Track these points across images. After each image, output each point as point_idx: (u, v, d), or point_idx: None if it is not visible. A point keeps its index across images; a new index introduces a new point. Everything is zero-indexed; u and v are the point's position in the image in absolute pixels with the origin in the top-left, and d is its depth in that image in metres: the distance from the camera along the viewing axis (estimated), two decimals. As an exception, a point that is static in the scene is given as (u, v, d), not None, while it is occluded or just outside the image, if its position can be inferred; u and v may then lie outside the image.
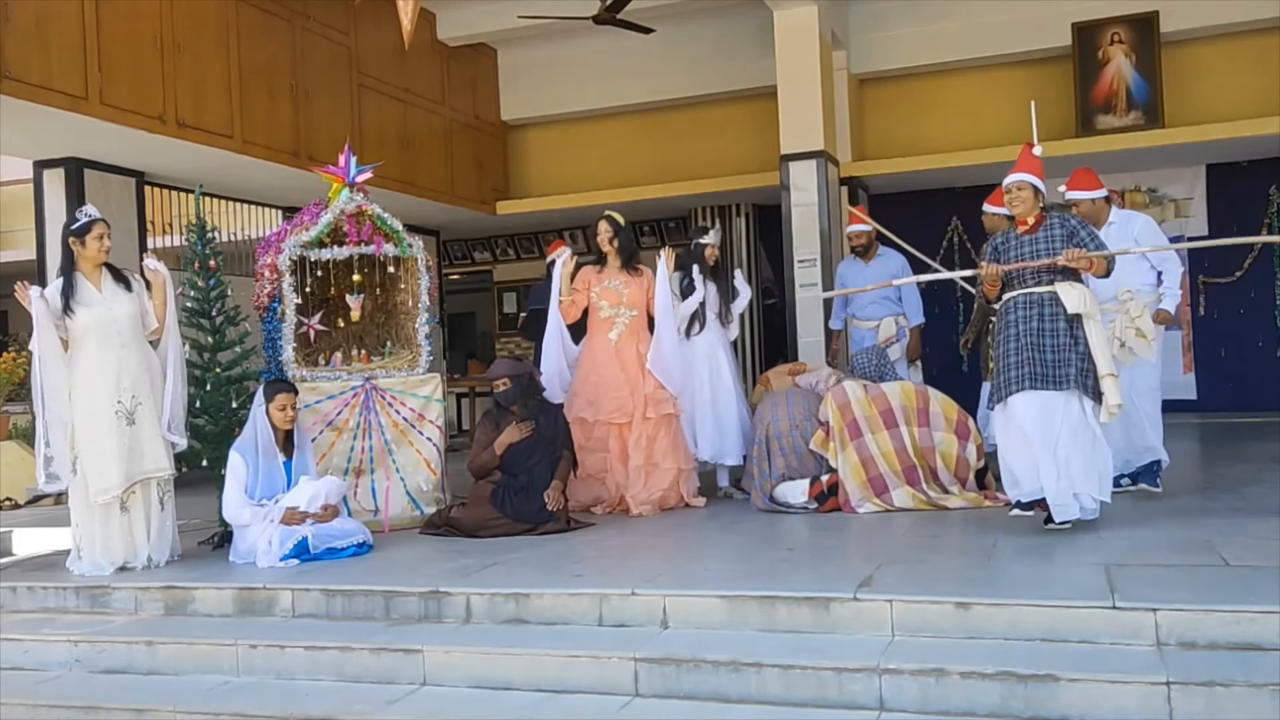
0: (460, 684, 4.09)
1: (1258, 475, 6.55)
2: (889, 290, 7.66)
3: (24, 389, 11.46)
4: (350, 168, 6.37)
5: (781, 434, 6.13)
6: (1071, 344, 4.97)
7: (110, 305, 5.38)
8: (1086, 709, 3.37)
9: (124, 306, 5.42)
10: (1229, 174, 11.02)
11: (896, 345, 7.78)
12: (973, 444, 6.01)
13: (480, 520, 5.80)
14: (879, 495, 5.91)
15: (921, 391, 6.16)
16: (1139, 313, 5.47)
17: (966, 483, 6.00)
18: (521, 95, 12.46)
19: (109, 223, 5.55)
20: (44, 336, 5.28)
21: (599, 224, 6.68)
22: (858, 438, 5.99)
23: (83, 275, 5.39)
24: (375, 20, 10.08)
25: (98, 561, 5.36)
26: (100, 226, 5.40)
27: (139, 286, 5.54)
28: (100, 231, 5.39)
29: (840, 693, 3.63)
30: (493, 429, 6.03)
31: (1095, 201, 6.02)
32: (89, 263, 5.41)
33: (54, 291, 5.35)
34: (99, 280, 5.42)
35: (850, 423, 6.03)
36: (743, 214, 12.56)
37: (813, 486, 6.01)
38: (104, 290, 5.40)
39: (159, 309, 5.54)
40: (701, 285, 6.80)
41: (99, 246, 5.39)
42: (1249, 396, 10.81)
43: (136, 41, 7.83)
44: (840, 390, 6.17)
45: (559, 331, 6.64)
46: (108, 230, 5.46)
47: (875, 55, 10.90)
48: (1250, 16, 9.86)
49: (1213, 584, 3.92)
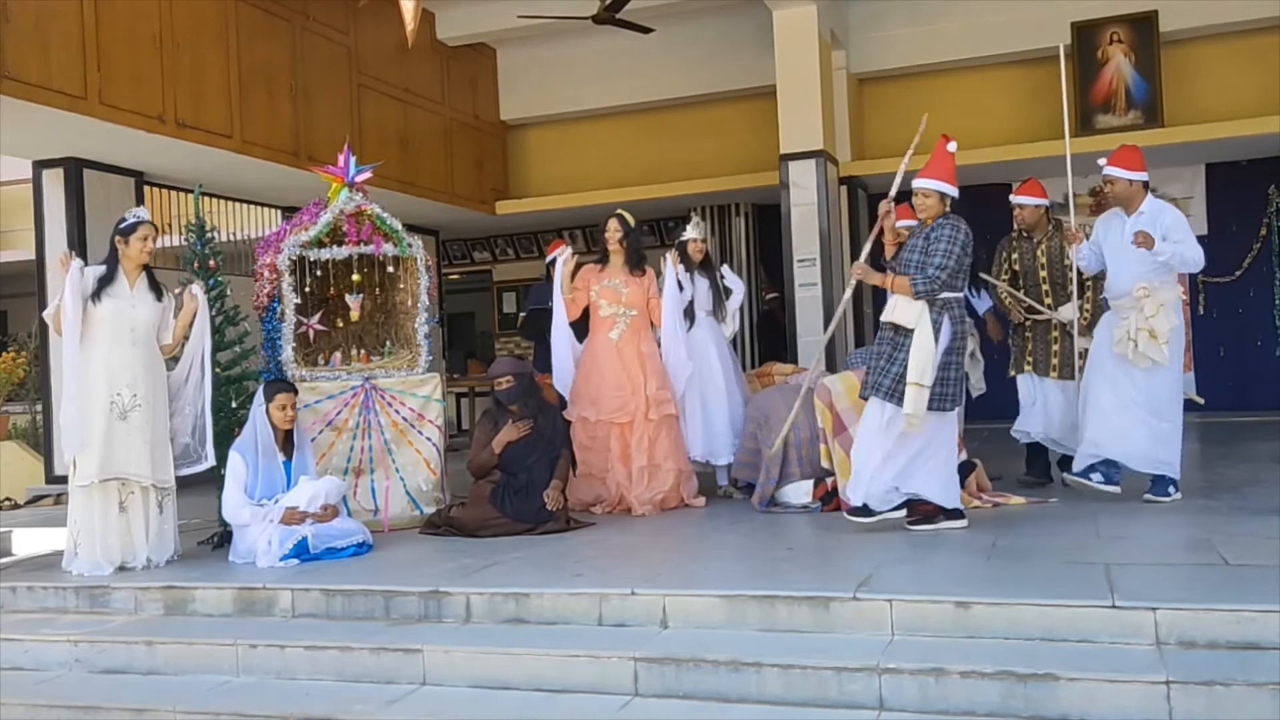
0: (460, 684, 4.09)
1: (1257, 474, 6.56)
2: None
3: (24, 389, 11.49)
4: (349, 167, 6.37)
5: (801, 442, 6.07)
6: (893, 354, 5.09)
7: (134, 304, 5.47)
8: (1086, 708, 3.37)
9: (146, 311, 5.50)
10: (1228, 173, 11.02)
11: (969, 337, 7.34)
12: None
13: (480, 520, 5.80)
14: None
15: None
16: (1153, 311, 5.35)
17: None
18: (521, 95, 12.46)
19: (156, 227, 5.67)
20: (74, 308, 5.32)
21: (610, 221, 6.64)
22: (842, 432, 6.01)
23: (122, 271, 5.50)
24: (375, 20, 10.07)
25: (96, 560, 5.36)
26: (146, 229, 5.51)
27: (169, 300, 5.64)
28: (145, 233, 5.50)
29: (840, 692, 3.62)
30: (492, 428, 6.03)
31: (1132, 184, 5.65)
32: (130, 261, 5.51)
33: (91, 274, 5.45)
34: (134, 280, 5.52)
35: (835, 417, 6.06)
36: (742, 213, 12.57)
37: (817, 487, 6.02)
38: (135, 290, 5.51)
39: (179, 330, 5.63)
40: (688, 282, 6.78)
41: (142, 247, 5.49)
42: (1248, 396, 10.81)
43: (136, 41, 7.82)
44: (823, 387, 6.19)
45: (567, 331, 6.63)
46: (153, 233, 5.57)
47: (874, 55, 10.90)
48: (1249, 16, 9.85)
49: (1212, 583, 3.92)
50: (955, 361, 5.12)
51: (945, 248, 5.02)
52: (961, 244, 5.07)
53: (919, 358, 4.98)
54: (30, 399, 11.14)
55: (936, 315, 5.04)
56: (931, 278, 5.02)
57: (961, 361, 5.23)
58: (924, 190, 5.15)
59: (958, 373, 5.16)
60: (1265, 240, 11.01)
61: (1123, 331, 5.48)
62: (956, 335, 5.09)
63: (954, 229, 5.09)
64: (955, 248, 5.03)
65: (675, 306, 6.52)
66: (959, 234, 5.07)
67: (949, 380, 5.08)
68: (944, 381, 5.06)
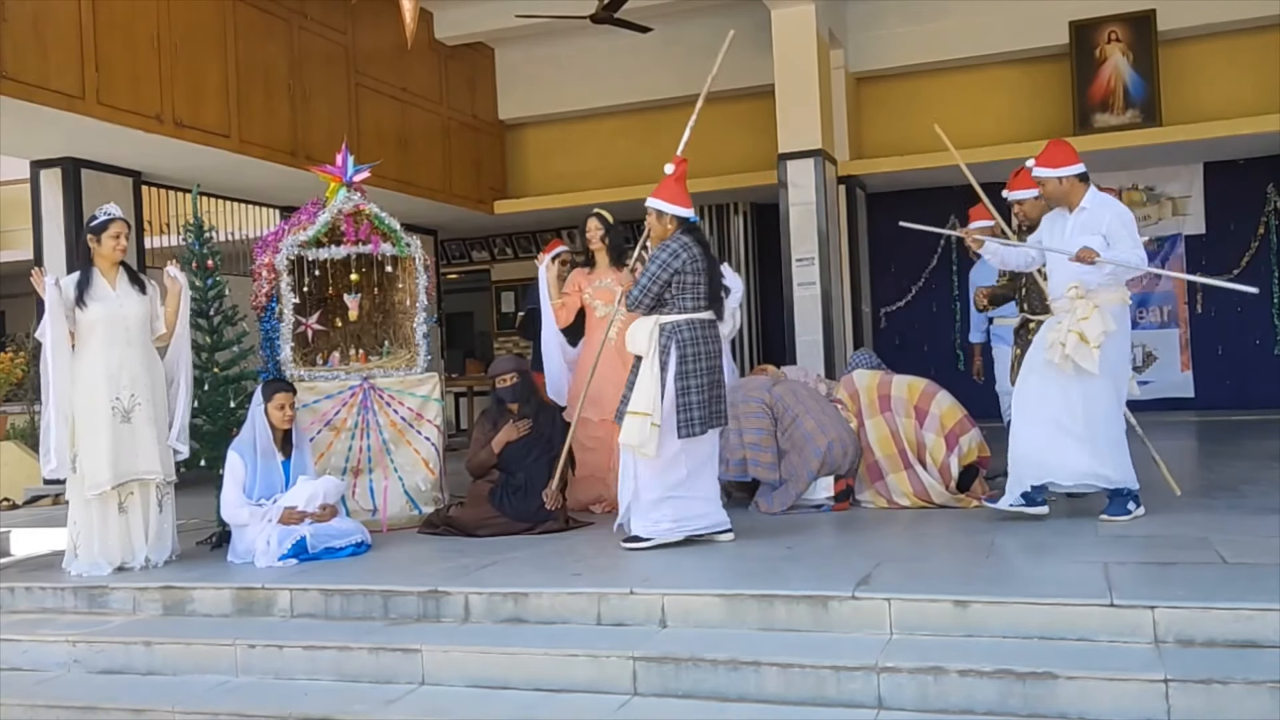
0: (459, 683, 4.09)
1: (1255, 473, 6.56)
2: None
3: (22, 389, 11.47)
4: (348, 167, 6.37)
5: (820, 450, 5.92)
6: (632, 381, 5.07)
7: (122, 303, 5.43)
8: (1085, 707, 3.37)
9: (135, 307, 5.46)
10: (1226, 172, 11.04)
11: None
12: (957, 457, 5.92)
13: (478, 519, 5.80)
14: (875, 482, 5.99)
15: (930, 392, 6.12)
16: (1086, 313, 4.90)
17: (949, 487, 5.95)
18: (519, 94, 12.46)
19: (129, 223, 5.60)
20: (55, 324, 5.31)
21: (589, 221, 6.65)
22: (860, 426, 6.05)
23: (99, 271, 5.45)
24: (373, 20, 10.08)
25: (95, 561, 5.36)
26: (118, 226, 5.45)
27: (153, 290, 5.59)
28: (117, 231, 5.44)
29: (839, 691, 3.63)
30: (490, 428, 6.02)
31: (1063, 181, 5.14)
32: (105, 260, 5.47)
33: (69, 283, 5.41)
34: (114, 278, 5.48)
35: (857, 411, 6.12)
36: (740, 213, 12.57)
37: (836, 483, 6.01)
38: (118, 288, 5.46)
39: (170, 315, 5.59)
40: None
41: (114, 245, 5.44)
42: (1246, 394, 10.82)
43: (133, 41, 7.82)
44: (849, 379, 6.28)
45: (556, 337, 6.60)
46: (126, 230, 5.51)
47: (873, 54, 10.91)
48: (1247, 15, 9.87)
49: (1211, 582, 3.92)
50: (695, 385, 5.00)
51: (651, 270, 5.02)
52: (667, 266, 4.99)
53: (641, 387, 4.94)
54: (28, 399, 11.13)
55: (665, 341, 4.98)
56: (633, 298, 5.06)
57: (705, 383, 5.03)
58: (648, 208, 5.19)
59: (702, 395, 5.01)
60: (1263, 239, 11.03)
61: (1055, 335, 5.03)
62: (685, 359, 4.99)
63: (669, 253, 5.00)
64: (659, 270, 4.99)
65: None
66: (670, 257, 5.01)
67: (690, 405, 4.97)
68: (685, 407, 4.96)
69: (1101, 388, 5.03)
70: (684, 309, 5.05)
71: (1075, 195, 5.16)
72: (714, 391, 5.10)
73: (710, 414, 5.07)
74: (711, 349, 5.12)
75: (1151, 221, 11.11)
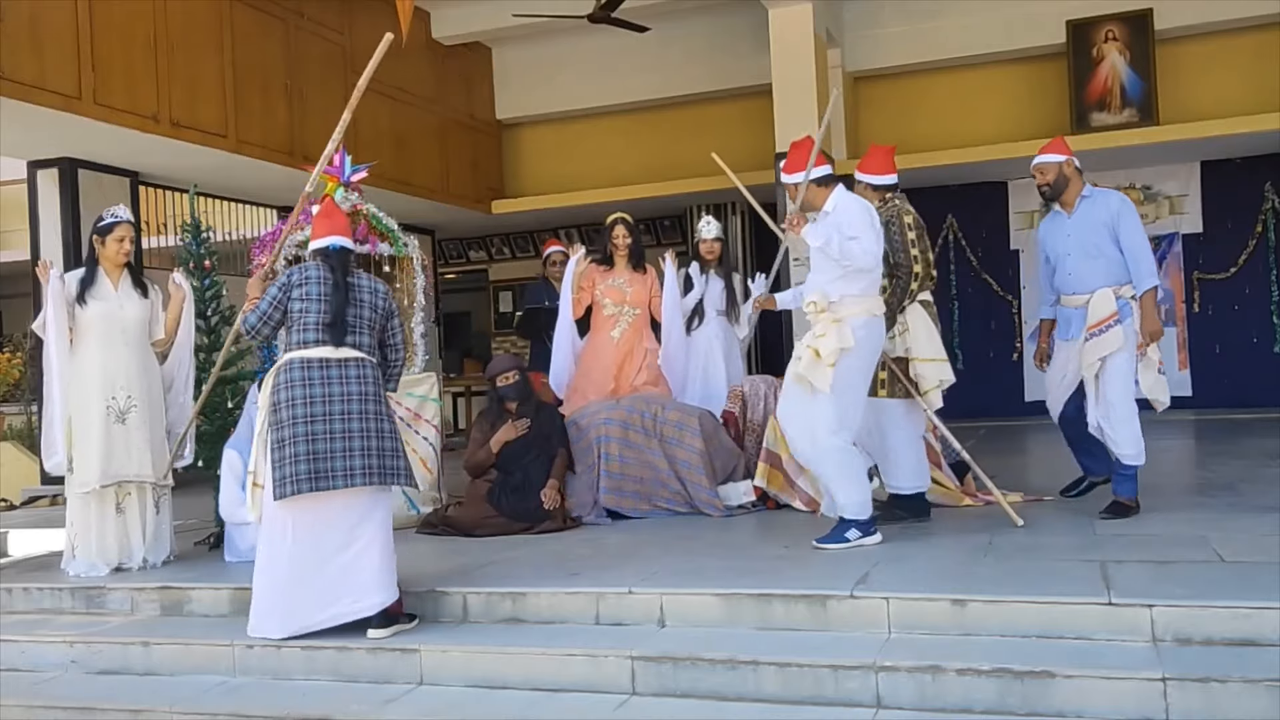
0: (457, 683, 4.08)
1: (1253, 471, 6.56)
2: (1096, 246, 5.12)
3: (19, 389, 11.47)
4: (345, 167, 6.35)
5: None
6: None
7: (121, 304, 5.44)
8: (1083, 705, 3.37)
9: (135, 309, 5.47)
10: (1224, 171, 11.04)
11: (1118, 328, 5.01)
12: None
13: (477, 519, 5.80)
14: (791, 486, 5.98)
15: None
16: (823, 330, 4.67)
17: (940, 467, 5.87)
18: (516, 94, 12.45)
19: (136, 225, 5.61)
20: (56, 317, 5.32)
21: (618, 228, 6.68)
22: None
23: (103, 272, 5.47)
24: (369, 19, 10.06)
25: (93, 562, 5.36)
26: (124, 229, 5.45)
27: (155, 295, 5.61)
28: (122, 234, 5.45)
29: (837, 690, 3.63)
30: (489, 427, 6.02)
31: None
32: (109, 262, 5.48)
33: (72, 279, 5.43)
34: (117, 279, 5.49)
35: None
36: (738, 212, 12.57)
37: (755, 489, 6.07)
38: (119, 289, 5.47)
39: (171, 323, 5.61)
40: (700, 281, 6.83)
41: (119, 248, 5.45)
42: (1244, 393, 10.82)
43: (130, 41, 7.80)
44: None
45: (570, 330, 6.65)
46: (131, 233, 5.52)
47: (870, 53, 10.91)
48: (1245, 14, 9.88)
49: (1208, 580, 3.93)
50: (288, 437, 4.10)
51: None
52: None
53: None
54: (26, 399, 11.12)
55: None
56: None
57: (299, 434, 4.10)
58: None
59: (299, 449, 4.10)
60: (1261, 237, 11.03)
61: (797, 350, 4.83)
62: (278, 405, 4.18)
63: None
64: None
65: (673, 303, 6.56)
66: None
67: (284, 460, 4.10)
68: (279, 463, 4.12)
69: (825, 402, 4.68)
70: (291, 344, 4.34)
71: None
72: (303, 449, 4.16)
73: (303, 470, 4.13)
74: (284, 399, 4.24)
75: (1149, 221, 11.09)
